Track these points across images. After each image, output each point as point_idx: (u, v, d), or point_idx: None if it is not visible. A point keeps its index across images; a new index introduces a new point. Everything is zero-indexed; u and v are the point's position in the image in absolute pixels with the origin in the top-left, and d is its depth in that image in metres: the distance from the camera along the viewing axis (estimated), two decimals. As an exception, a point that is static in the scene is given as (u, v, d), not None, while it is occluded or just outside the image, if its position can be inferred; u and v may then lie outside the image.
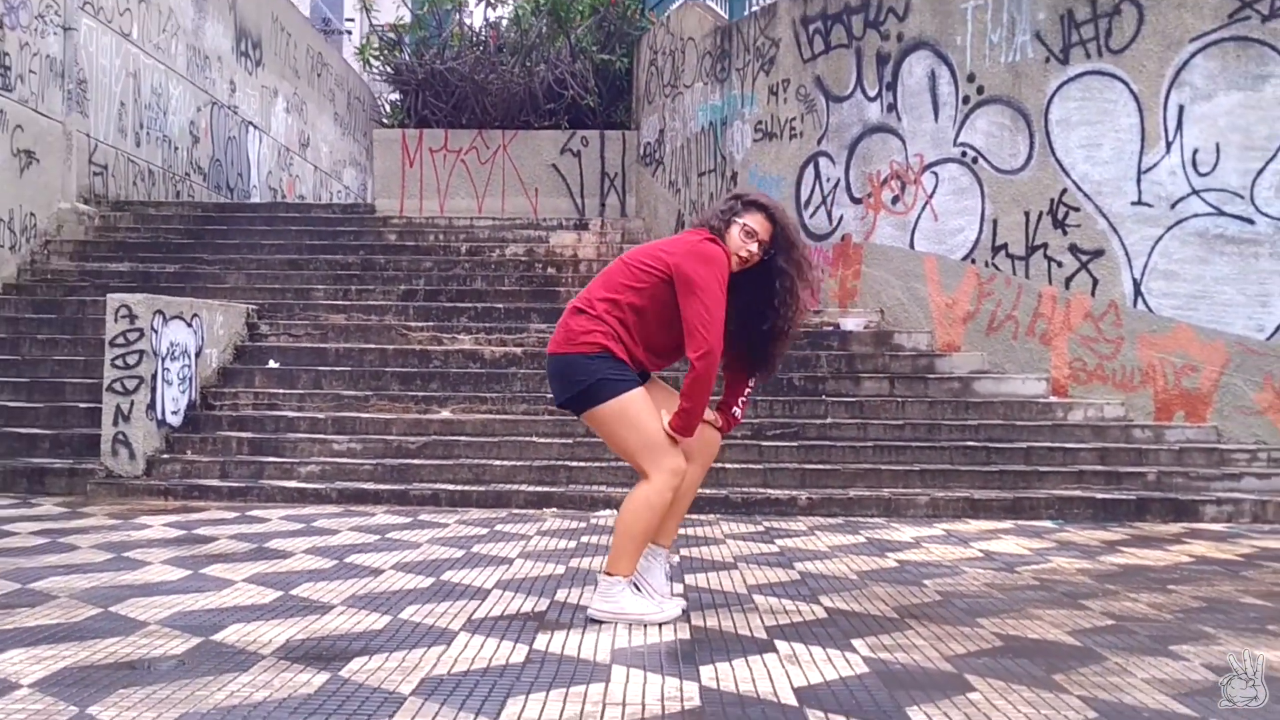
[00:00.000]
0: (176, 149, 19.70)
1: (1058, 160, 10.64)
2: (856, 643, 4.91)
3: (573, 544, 7.47)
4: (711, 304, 5.01)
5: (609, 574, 5.22)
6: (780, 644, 4.87)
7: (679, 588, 5.98)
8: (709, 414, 5.38)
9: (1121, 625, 5.37)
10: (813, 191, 12.56)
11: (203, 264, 14.80)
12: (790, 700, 4.05)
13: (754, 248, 5.24)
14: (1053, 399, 10.59)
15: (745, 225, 5.24)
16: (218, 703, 3.88)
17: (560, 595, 5.82)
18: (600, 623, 5.18)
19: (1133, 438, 10.11)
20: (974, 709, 4.01)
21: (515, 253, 15.25)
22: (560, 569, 6.57)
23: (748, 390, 5.60)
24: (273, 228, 16.27)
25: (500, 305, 12.73)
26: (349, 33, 37.66)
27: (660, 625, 5.14)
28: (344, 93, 30.77)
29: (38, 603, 5.39)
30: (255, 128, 23.61)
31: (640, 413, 5.10)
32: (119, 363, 9.45)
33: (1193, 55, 10.12)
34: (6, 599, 5.46)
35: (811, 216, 12.57)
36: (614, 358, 5.12)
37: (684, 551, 7.27)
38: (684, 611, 5.35)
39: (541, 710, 3.88)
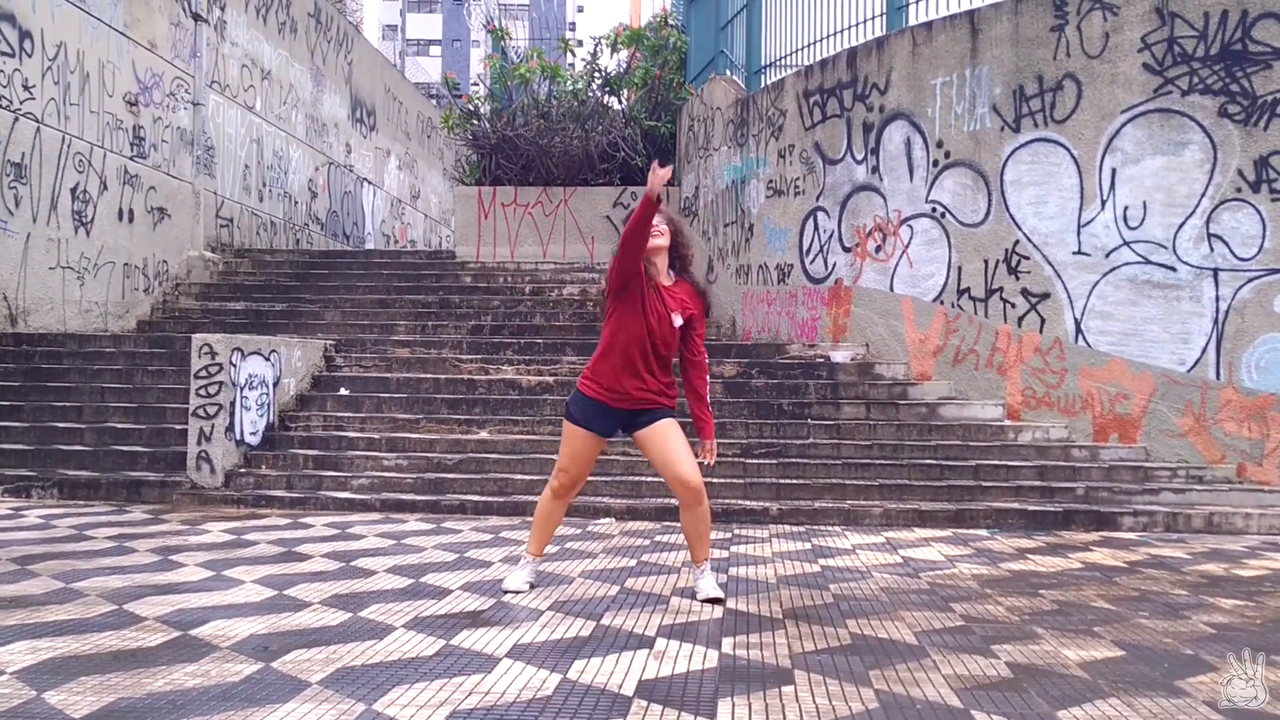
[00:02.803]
0: (296, 203, 20.36)
1: (1011, 215, 10.72)
2: (726, 641, 5.14)
3: (555, 549, 7.73)
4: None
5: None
6: (660, 641, 5.11)
7: (615, 590, 6.25)
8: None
9: (967, 626, 5.53)
10: (812, 241, 12.74)
11: (305, 303, 15.32)
12: (629, 691, 4.30)
13: (657, 228, 5.94)
14: (1007, 422, 10.65)
15: None
16: (152, 689, 4.21)
17: (507, 597, 6.10)
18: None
19: (1071, 456, 10.17)
20: (777, 700, 4.22)
21: (571, 292, 15.57)
22: (527, 572, 6.84)
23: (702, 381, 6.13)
24: (368, 271, 16.77)
25: (540, 340, 13.03)
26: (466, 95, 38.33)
27: (538, 615, 5.52)
28: (451, 151, 31.39)
29: (67, 599, 5.78)
30: (369, 183, 24.25)
31: (564, 437, 6.09)
32: (202, 392, 9.92)
33: (1123, 125, 10.17)
34: (46, 596, 5.87)
35: (812, 263, 12.75)
36: (580, 395, 6.02)
37: (647, 557, 7.53)
38: (530, 586, 6.29)
39: (415, 696, 4.17)
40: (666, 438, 5.91)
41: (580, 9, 75.37)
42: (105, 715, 3.90)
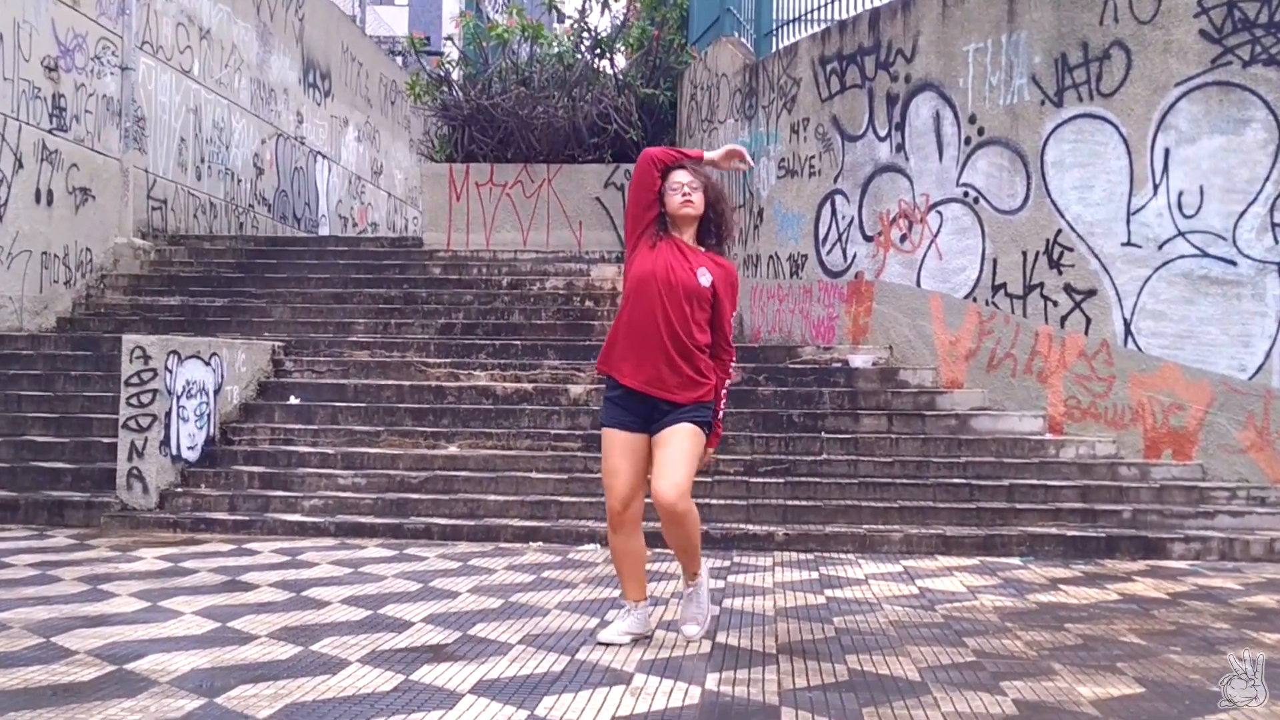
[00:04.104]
0: (240, 181, 20.79)
1: (1053, 201, 11.12)
2: (711, 677, 5.56)
3: (530, 578, 8.15)
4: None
5: None
6: (639, 677, 5.53)
7: (595, 623, 6.67)
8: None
9: (978, 662, 5.95)
10: (829, 229, 13.15)
11: (250, 297, 15.75)
12: (599, 728, 4.72)
13: (686, 190, 6.09)
14: (1048, 436, 11.04)
15: (671, 182, 6.13)
16: (87, 725, 4.65)
17: (474, 629, 6.52)
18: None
19: (1119, 475, 10.55)
20: (758, 737, 4.64)
21: (555, 286, 15.97)
22: (498, 603, 7.27)
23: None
24: (321, 261, 17.19)
25: (517, 341, 13.44)
26: (438, 53, 38.76)
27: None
28: (420, 120, 31.80)
29: (-10, 632, 6.22)
30: (324, 157, 24.68)
31: (603, 448, 6.20)
32: (134, 401, 10.34)
33: (1178, 99, 10.56)
34: (-34, 628, 6.30)
35: (829, 253, 13.16)
36: (605, 396, 6.22)
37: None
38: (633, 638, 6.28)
39: (370, 733, 4.60)
40: (667, 443, 5.97)
41: (571, -50, 75.74)
42: (39, 751, 4.32)
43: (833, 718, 4.93)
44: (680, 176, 6.11)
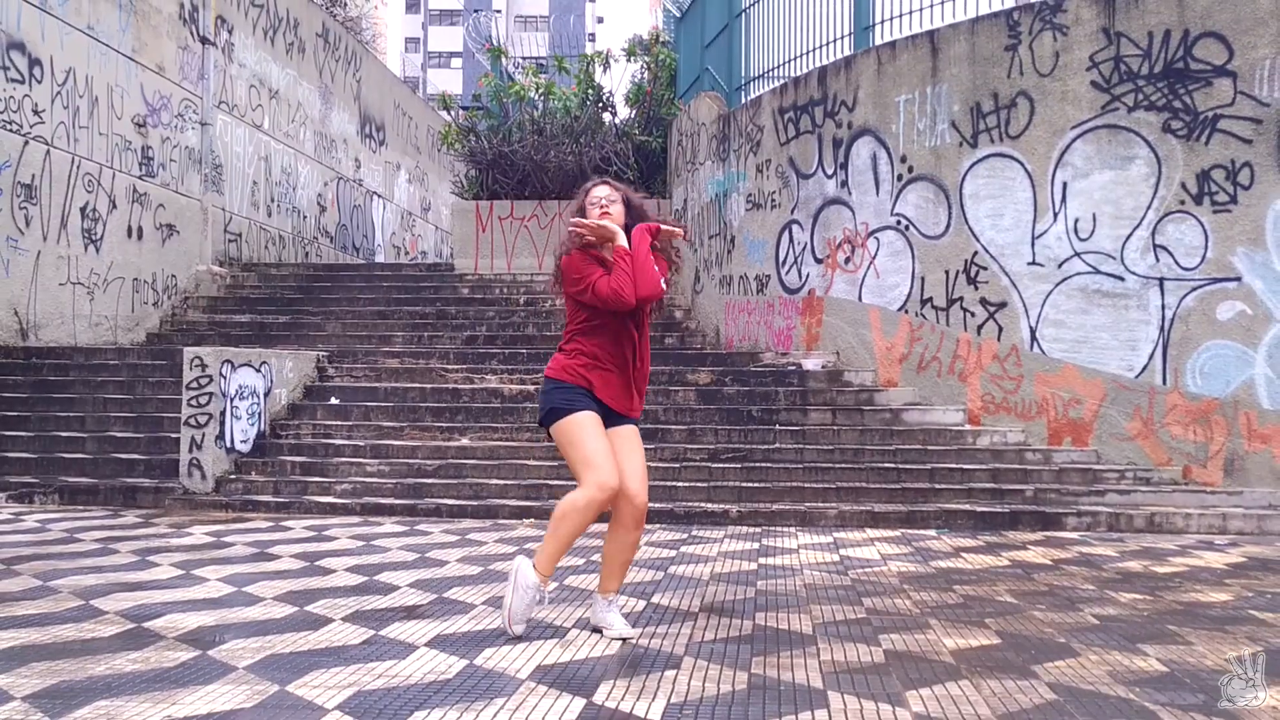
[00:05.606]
0: (305, 217, 20.89)
1: (970, 228, 11.08)
2: (635, 630, 5.52)
3: (514, 550, 8.13)
4: (575, 285, 5.34)
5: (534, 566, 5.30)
6: (573, 633, 5.51)
7: (553, 586, 6.65)
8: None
9: (867, 619, 5.91)
10: (787, 253, 13.13)
11: (308, 315, 15.81)
12: (523, 675, 4.70)
13: (604, 204, 5.33)
14: (967, 427, 11.00)
15: (590, 198, 5.40)
16: (93, 673, 4.65)
17: (451, 593, 6.51)
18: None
19: (1025, 460, 10.50)
20: (655, 682, 4.62)
21: (564, 303, 15.93)
22: (477, 570, 7.26)
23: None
24: (369, 284, 17.26)
25: (525, 350, 13.46)
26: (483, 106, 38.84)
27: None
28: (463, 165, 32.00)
29: (40, 596, 6.23)
30: (379, 196, 24.77)
31: (577, 433, 5.19)
32: (193, 402, 10.39)
33: (1073, 140, 10.51)
34: (23, 592, 6.32)
35: (787, 274, 13.14)
36: (562, 384, 5.28)
37: (598, 556, 7.89)
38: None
39: (328, 679, 4.59)
40: (633, 444, 5.40)
41: (600, 20, 75.93)
42: (45, 694, 4.34)
43: (724, 665, 4.90)
44: (600, 192, 5.41)
